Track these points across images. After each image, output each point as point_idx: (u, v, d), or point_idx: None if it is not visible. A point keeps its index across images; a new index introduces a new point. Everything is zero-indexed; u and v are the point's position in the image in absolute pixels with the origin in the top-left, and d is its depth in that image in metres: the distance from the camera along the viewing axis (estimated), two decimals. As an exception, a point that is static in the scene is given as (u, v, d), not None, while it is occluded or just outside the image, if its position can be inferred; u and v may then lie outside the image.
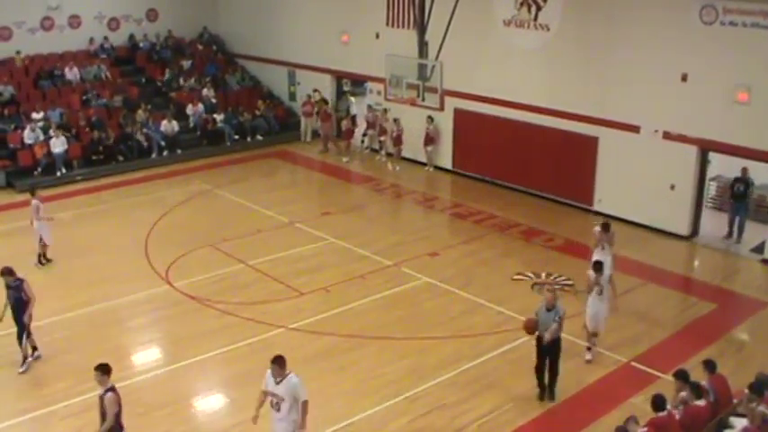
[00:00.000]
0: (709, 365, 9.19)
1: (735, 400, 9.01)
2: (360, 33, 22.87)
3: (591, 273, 11.53)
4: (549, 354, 10.56)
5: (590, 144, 17.67)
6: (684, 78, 15.78)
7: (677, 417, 8.41)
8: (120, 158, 21.87)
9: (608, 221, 13.68)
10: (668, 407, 8.41)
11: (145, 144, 22.42)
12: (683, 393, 8.84)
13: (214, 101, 24.93)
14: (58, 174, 20.82)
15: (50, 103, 22.80)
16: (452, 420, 10.21)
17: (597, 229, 13.38)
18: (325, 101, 24.14)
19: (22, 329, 11.40)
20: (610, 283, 11.64)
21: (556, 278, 14.46)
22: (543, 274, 14.64)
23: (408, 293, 13.97)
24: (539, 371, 10.67)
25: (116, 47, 25.92)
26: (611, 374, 11.34)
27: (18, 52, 23.96)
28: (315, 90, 24.37)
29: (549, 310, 10.40)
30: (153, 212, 18.22)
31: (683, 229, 16.54)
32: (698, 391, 8.70)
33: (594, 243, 13.44)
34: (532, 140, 18.84)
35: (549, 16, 17.99)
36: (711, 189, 17.98)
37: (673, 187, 16.37)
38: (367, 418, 10.25)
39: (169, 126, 22.98)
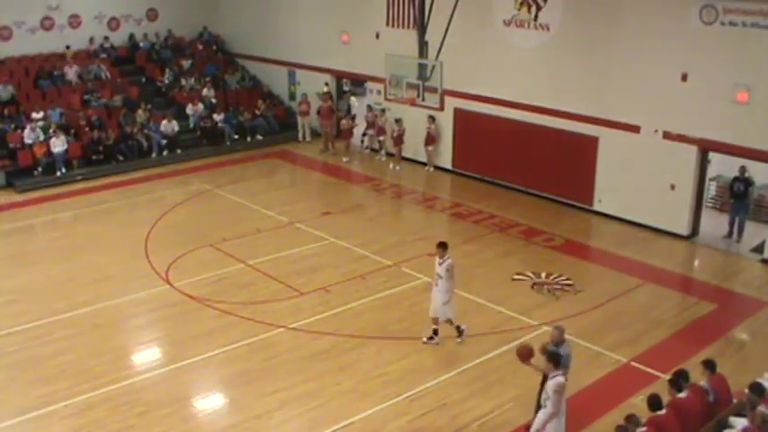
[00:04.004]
0: (710, 365, 9.16)
1: (735, 400, 9.01)
2: (360, 33, 22.86)
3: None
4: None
5: (590, 144, 17.66)
6: (684, 78, 15.77)
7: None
8: (120, 158, 21.85)
9: (445, 242, 11.90)
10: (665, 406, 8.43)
11: (145, 144, 22.41)
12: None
13: (214, 101, 24.91)
14: (58, 174, 20.80)
15: (50, 102, 22.78)
16: (452, 420, 10.20)
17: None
18: (330, 95, 23.86)
19: None
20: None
21: (555, 278, 14.47)
22: (543, 274, 14.63)
23: (408, 293, 13.94)
24: (537, 405, 9.37)
25: (116, 47, 25.92)
26: (611, 374, 11.31)
27: (68, 47, 24.24)
28: (326, 84, 24.26)
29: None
30: (153, 212, 18.20)
31: (683, 229, 16.53)
32: (677, 385, 8.69)
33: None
34: (532, 140, 18.84)
35: (549, 16, 17.98)
36: (711, 189, 17.97)
37: (673, 187, 16.37)
38: (367, 418, 10.24)
39: (169, 126, 22.97)
